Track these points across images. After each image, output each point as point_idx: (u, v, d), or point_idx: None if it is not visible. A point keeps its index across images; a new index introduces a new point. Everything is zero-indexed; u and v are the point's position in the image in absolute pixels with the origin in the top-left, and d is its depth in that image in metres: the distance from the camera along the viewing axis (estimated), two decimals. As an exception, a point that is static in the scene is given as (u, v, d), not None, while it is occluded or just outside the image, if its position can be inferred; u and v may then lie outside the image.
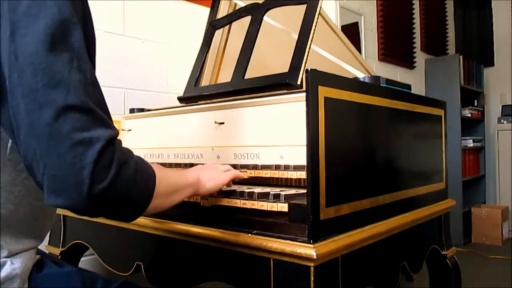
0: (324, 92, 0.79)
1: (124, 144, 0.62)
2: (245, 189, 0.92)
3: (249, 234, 0.80)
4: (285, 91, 1.03)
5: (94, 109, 0.56)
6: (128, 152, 0.60)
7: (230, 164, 1.07)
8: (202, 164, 0.94)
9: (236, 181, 0.96)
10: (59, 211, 1.23)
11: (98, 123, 0.56)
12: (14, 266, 0.65)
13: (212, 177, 0.85)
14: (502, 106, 3.94)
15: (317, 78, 0.79)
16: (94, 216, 0.59)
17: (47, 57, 0.54)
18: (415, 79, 3.59)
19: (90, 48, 0.64)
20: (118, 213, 0.60)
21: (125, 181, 0.57)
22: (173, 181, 0.71)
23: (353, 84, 0.91)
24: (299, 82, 1.00)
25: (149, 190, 0.62)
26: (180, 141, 1.25)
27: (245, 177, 0.98)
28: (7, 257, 0.65)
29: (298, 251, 0.72)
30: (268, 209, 0.82)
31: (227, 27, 1.45)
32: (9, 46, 0.55)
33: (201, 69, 1.36)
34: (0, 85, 0.58)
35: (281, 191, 0.89)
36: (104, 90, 0.62)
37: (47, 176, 0.54)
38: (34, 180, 0.57)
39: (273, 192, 0.85)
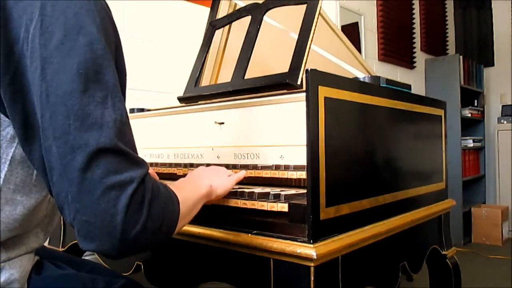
0: (324, 92, 0.79)
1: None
2: (245, 189, 0.92)
3: (249, 234, 0.80)
4: (285, 91, 1.03)
5: (126, 150, 0.55)
6: (156, 185, 0.59)
7: (230, 164, 1.07)
8: (202, 164, 0.94)
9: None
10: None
11: (130, 163, 0.55)
12: (12, 271, 0.64)
13: (221, 182, 0.84)
14: (502, 106, 3.94)
15: (317, 78, 0.79)
16: (127, 257, 0.59)
17: (80, 98, 0.53)
18: (415, 79, 3.60)
19: (122, 81, 0.63)
20: (149, 248, 0.60)
21: (155, 220, 0.56)
22: (192, 199, 0.71)
23: (353, 84, 0.91)
24: (299, 82, 1.00)
25: (175, 219, 0.62)
26: (180, 141, 1.25)
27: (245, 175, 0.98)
28: (4, 261, 0.64)
29: (298, 251, 0.72)
30: (268, 209, 0.82)
31: (227, 27, 1.45)
32: (40, 84, 0.53)
33: (201, 69, 1.36)
34: (32, 123, 0.56)
35: (281, 191, 0.89)
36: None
37: (78, 221, 0.53)
38: (66, 221, 0.56)
39: (273, 192, 0.85)
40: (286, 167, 0.95)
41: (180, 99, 1.32)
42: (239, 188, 0.94)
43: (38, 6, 0.55)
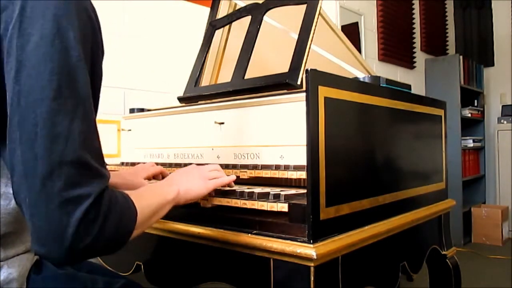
0: (324, 92, 0.79)
1: (124, 144, 0.62)
2: (245, 189, 0.91)
3: (249, 234, 0.80)
4: (285, 91, 1.03)
5: (89, 162, 0.56)
6: (114, 199, 0.59)
7: (230, 164, 1.07)
8: (202, 164, 0.94)
9: (225, 186, 0.92)
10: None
11: (91, 177, 0.55)
12: (10, 270, 0.64)
13: (194, 186, 0.82)
14: (502, 106, 3.94)
15: (317, 78, 0.79)
16: (73, 265, 0.59)
17: (50, 107, 0.53)
18: (415, 79, 3.59)
19: (97, 84, 0.63)
20: (98, 256, 0.62)
21: (108, 233, 0.57)
22: (153, 205, 0.70)
23: (353, 84, 0.91)
24: (299, 82, 1.00)
25: (130, 230, 0.62)
26: (180, 141, 1.25)
27: (232, 184, 0.96)
28: (3, 260, 0.64)
29: (298, 251, 0.72)
30: (268, 209, 0.82)
31: (227, 27, 1.45)
32: (13, 86, 0.54)
33: (201, 69, 1.36)
34: (4, 123, 0.56)
35: (281, 191, 0.89)
36: (104, 90, 0.62)
37: (33, 224, 0.54)
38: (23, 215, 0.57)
39: (273, 192, 0.85)
40: (286, 167, 0.95)
41: (180, 99, 1.32)
42: (239, 188, 0.94)
43: (19, 6, 0.55)
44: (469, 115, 3.59)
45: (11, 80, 0.54)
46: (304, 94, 0.78)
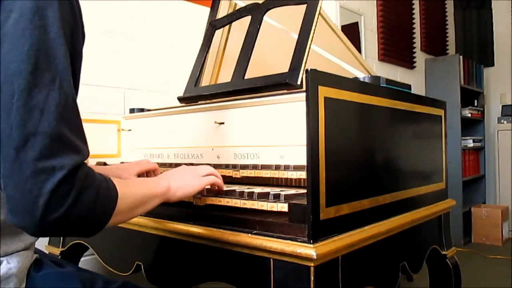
0: (324, 92, 0.79)
1: (124, 144, 0.62)
2: (245, 189, 0.91)
3: (249, 234, 0.80)
4: (285, 91, 1.03)
5: (65, 135, 0.56)
6: (91, 177, 0.59)
7: (231, 164, 1.07)
8: (202, 164, 0.94)
9: (215, 188, 0.92)
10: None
11: (66, 150, 0.56)
12: (10, 265, 0.65)
13: (185, 183, 0.82)
14: (502, 106, 3.95)
15: (317, 78, 0.78)
16: (49, 236, 0.59)
17: (27, 79, 0.54)
18: (415, 79, 3.60)
19: (76, 65, 0.64)
20: (72, 234, 0.61)
21: (81, 209, 0.57)
22: (139, 195, 0.70)
23: (353, 84, 0.91)
24: (299, 82, 1.00)
25: (108, 213, 0.62)
26: (180, 141, 1.25)
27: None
28: (3, 256, 0.64)
29: (298, 251, 0.72)
30: (268, 209, 0.82)
31: (227, 27, 1.45)
32: None
33: (201, 69, 1.36)
34: None
35: (281, 191, 0.89)
36: (104, 90, 0.62)
37: (7, 195, 0.55)
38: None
39: (273, 192, 0.85)
40: (286, 167, 0.95)
41: (180, 99, 1.32)
42: (239, 188, 0.94)
43: None
44: (469, 115, 3.59)
45: None
46: (304, 94, 0.78)
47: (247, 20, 1.24)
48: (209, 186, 0.91)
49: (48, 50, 0.56)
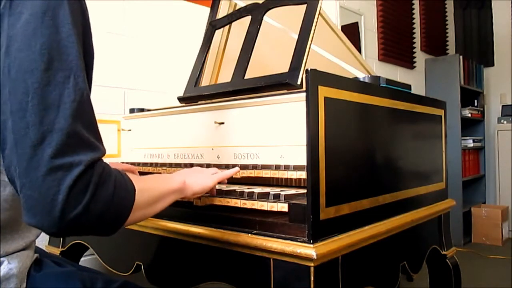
0: (324, 92, 0.79)
1: (124, 144, 0.62)
2: (245, 189, 0.92)
3: (249, 234, 0.80)
4: (285, 91, 1.03)
5: (81, 132, 0.56)
6: (108, 172, 0.59)
7: (230, 164, 1.07)
8: (202, 164, 0.94)
9: (225, 181, 0.94)
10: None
11: (82, 146, 0.56)
12: (11, 266, 0.65)
13: (199, 180, 0.83)
14: (502, 106, 3.95)
15: (317, 78, 0.78)
16: (69, 236, 0.58)
17: (41, 77, 0.54)
18: (415, 79, 3.60)
19: (88, 63, 0.63)
20: (94, 232, 0.60)
21: (100, 204, 0.56)
22: (156, 190, 0.70)
23: (353, 84, 0.91)
24: (299, 82, 1.00)
25: (127, 207, 0.61)
26: (180, 141, 1.25)
27: (238, 175, 0.97)
28: (3, 256, 0.64)
29: (298, 251, 0.72)
30: (268, 209, 0.82)
31: (227, 27, 1.45)
32: (4, 60, 0.55)
33: (201, 69, 1.36)
34: None
35: (281, 191, 0.89)
36: (104, 90, 0.62)
37: (24, 195, 0.54)
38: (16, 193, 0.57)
39: (273, 192, 0.85)
40: (286, 167, 0.95)
41: (180, 99, 1.32)
42: (239, 188, 0.94)
43: None
44: (469, 115, 3.59)
45: (2, 55, 0.55)
46: (304, 94, 0.78)
47: (247, 20, 1.24)
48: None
49: (60, 48, 0.56)
